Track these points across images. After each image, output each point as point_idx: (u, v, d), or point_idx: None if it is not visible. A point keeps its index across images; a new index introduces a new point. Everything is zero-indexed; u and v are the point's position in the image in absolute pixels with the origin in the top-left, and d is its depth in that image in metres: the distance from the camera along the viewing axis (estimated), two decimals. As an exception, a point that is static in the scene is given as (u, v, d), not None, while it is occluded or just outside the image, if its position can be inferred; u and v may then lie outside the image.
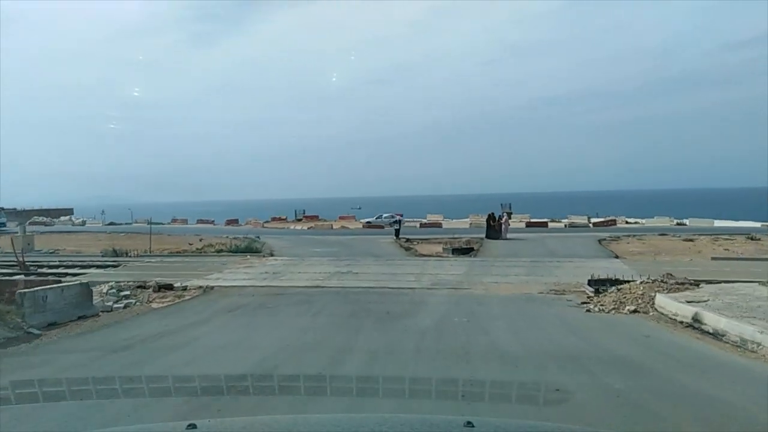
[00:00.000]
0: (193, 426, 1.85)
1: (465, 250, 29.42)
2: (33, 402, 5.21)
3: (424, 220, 49.24)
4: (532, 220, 47.51)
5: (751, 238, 32.63)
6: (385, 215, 51.31)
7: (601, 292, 14.09)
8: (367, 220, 52.24)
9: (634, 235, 36.62)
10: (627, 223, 50.28)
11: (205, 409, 5.55)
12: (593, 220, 49.08)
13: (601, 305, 12.61)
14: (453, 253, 28.89)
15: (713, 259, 22.58)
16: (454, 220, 53.40)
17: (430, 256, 26.94)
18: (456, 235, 35.99)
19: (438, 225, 46.01)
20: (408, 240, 35.93)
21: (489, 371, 7.87)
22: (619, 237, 35.81)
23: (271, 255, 26.87)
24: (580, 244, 30.47)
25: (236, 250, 25.79)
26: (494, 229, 34.14)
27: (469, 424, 1.84)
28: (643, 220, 48.69)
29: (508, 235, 34.56)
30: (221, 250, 26.73)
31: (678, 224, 47.22)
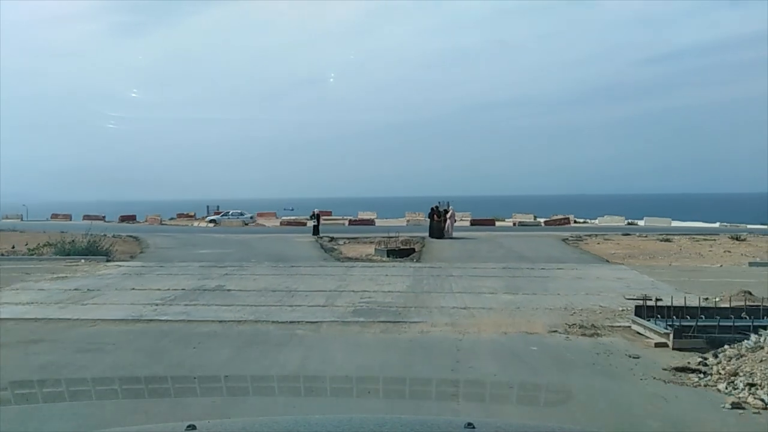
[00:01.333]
0: (192, 427, 1.71)
1: (404, 252, 22.02)
2: None
3: (353, 217, 41.46)
4: (477, 218, 40.91)
5: (737, 238, 27.32)
6: (232, 212, 42.65)
7: (678, 335, 6.88)
8: (210, 217, 42.78)
9: (596, 235, 30.69)
10: (576, 222, 44.94)
11: None
12: (541, 219, 43.26)
13: (752, 385, 5.16)
14: (388, 256, 21.43)
15: (751, 264, 16.27)
16: (389, 219, 46.17)
17: (357, 259, 19.34)
18: (392, 234, 28.59)
19: (370, 222, 38.47)
20: (332, 239, 28.18)
21: None
22: (581, 236, 29.72)
23: (131, 258, 18.33)
24: (546, 245, 23.82)
25: (70, 252, 17.02)
26: (439, 225, 26.98)
27: (470, 425, 1.71)
28: (596, 220, 43.32)
29: (455, 234, 27.54)
30: (33, 252, 17.98)
31: (629, 224, 42.33)
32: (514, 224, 39.91)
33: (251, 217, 42.07)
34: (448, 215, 27.17)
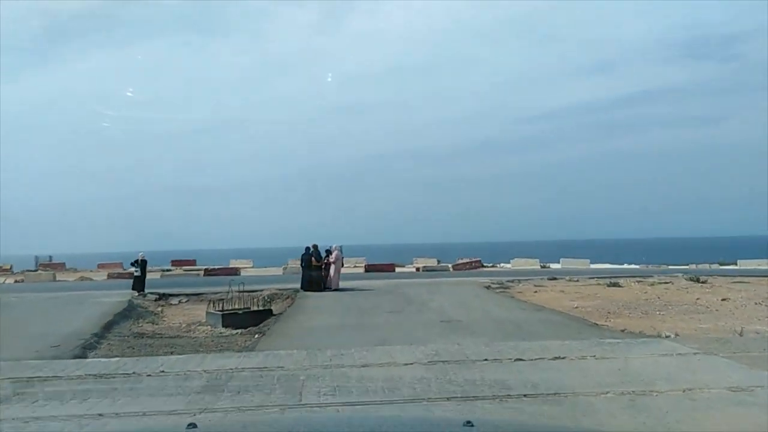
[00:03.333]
0: (193, 426, 1.60)
1: (251, 317, 12.97)
2: None
3: (210, 267, 30.92)
4: (374, 264, 32.60)
5: (697, 280, 21.29)
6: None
7: None
8: None
9: (519, 280, 23.63)
10: (485, 266, 38.15)
11: None
12: (447, 263, 35.99)
13: None
14: (225, 325, 12.36)
15: None
16: (265, 268, 36.48)
17: (158, 335, 9.89)
18: (255, 287, 19.33)
19: (233, 272, 28.52)
20: (162, 296, 18.56)
21: None
22: (503, 282, 22.47)
23: None
24: (472, 296, 15.85)
25: None
26: (317, 273, 18.10)
27: (469, 423, 1.57)
28: (508, 264, 36.75)
29: (342, 283, 18.85)
30: None
31: (543, 266, 36.32)
32: (418, 269, 32.04)
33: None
34: (331, 259, 18.41)
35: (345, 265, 32.58)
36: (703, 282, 20.66)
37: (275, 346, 7.89)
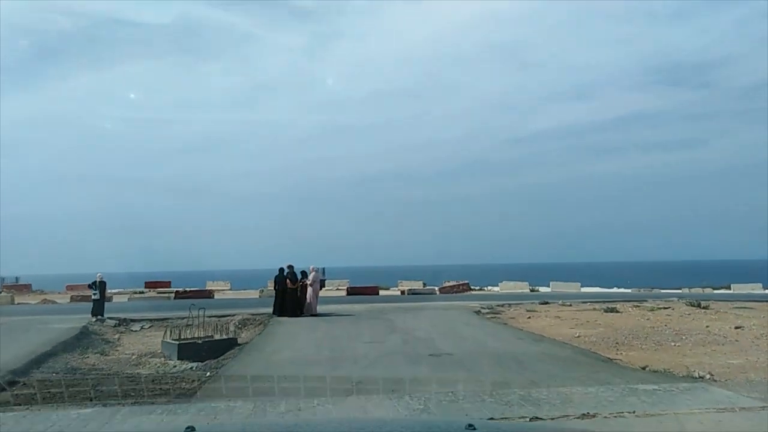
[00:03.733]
0: (191, 429, 1.57)
1: (214, 348, 11.28)
2: None
3: (181, 289, 28.78)
4: (356, 286, 30.90)
5: (698, 305, 20.03)
6: None
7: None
8: None
9: (509, 304, 22.20)
10: (471, 289, 36.61)
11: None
12: (433, 286, 34.45)
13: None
14: (180, 356, 10.70)
15: None
16: (243, 291, 34.54)
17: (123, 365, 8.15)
18: (228, 311, 17.62)
19: (207, 295, 26.60)
20: (122, 322, 16.82)
21: None
22: (493, 306, 21.05)
23: None
24: (462, 323, 14.36)
25: None
26: (291, 297, 16.38)
27: (471, 426, 1.56)
28: (496, 287, 35.28)
29: (320, 308, 17.15)
30: None
31: (532, 290, 34.99)
32: (403, 293, 30.41)
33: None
34: (308, 282, 16.74)
35: (327, 288, 30.79)
36: (704, 307, 19.36)
37: (223, 391, 6.24)
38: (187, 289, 26.24)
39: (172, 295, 27.23)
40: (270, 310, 16.85)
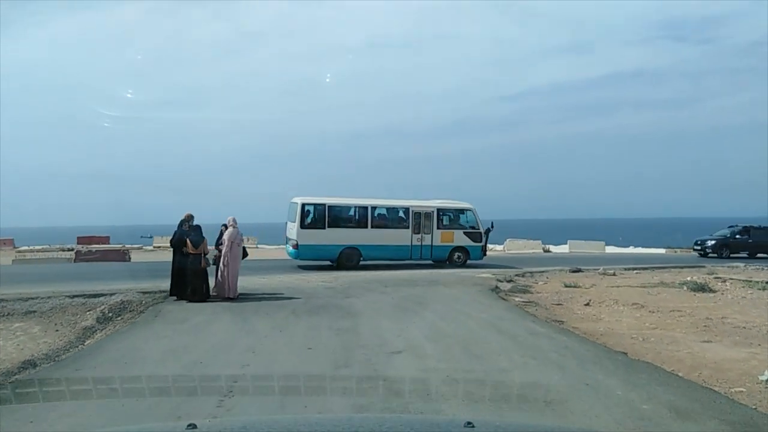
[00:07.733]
0: (193, 426, 1.51)
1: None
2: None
3: (86, 247, 20.59)
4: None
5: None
6: None
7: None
8: None
9: (533, 273, 16.05)
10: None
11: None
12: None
13: None
14: None
15: None
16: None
17: None
18: (112, 286, 10.73)
19: (119, 257, 19.25)
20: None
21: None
22: (513, 277, 14.87)
23: None
24: (500, 332, 7.72)
25: None
26: (193, 269, 9.45)
27: (470, 424, 1.50)
28: (501, 246, 28.87)
29: (254, 282, 10.39)
30: None
31: (545, 250, 29.15)
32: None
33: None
34: (223, 247, 9.82)
35: (268, 246, 23.82)
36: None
37: None
38: (93, 249, 19.09)
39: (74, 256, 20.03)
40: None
